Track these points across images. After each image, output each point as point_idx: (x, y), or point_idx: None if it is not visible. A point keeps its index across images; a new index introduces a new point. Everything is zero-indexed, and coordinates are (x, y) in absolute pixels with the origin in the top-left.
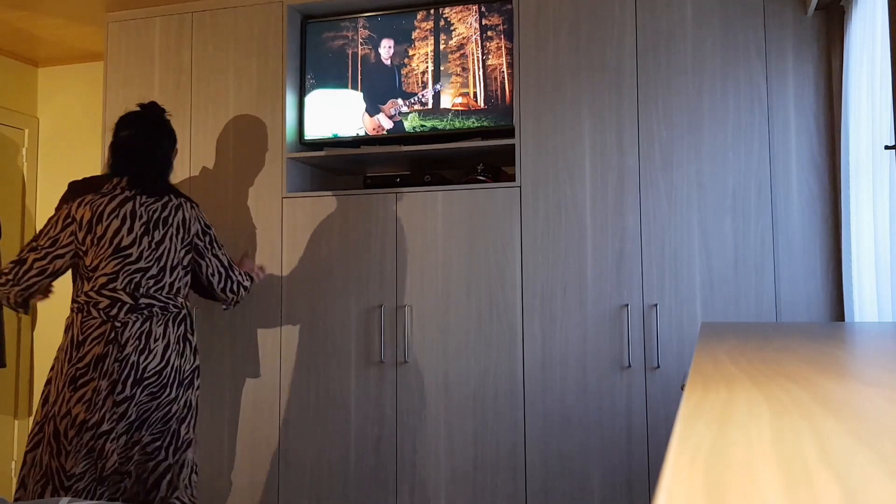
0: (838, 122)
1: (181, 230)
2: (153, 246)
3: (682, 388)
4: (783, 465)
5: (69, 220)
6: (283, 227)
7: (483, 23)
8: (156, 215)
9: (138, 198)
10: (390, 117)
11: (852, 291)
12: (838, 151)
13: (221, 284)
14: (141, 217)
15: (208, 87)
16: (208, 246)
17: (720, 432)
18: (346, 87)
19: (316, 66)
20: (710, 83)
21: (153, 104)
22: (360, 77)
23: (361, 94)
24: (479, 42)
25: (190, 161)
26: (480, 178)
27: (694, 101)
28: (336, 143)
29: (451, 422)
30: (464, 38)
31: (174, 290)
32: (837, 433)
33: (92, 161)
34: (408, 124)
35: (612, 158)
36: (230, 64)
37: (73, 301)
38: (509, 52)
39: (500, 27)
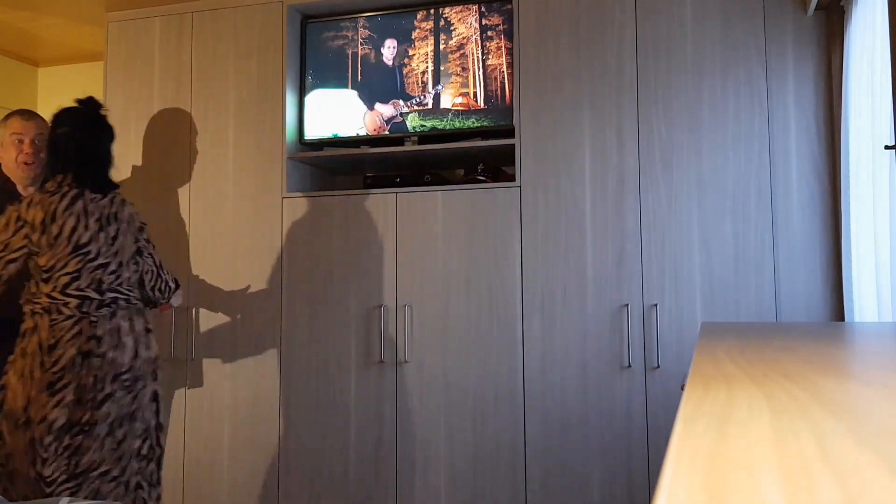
0: (838, 121)
1: (131, 225)
2: (110, 241)
3: (682, 388)
4: (783, 465)
5: (20, 222)
6: (283, 227)
7: (483, 23)
8: (106, 211)
9: (86, 194)
10: (390, 117)
11: (852, 291)
12: (838, 151)
13: (152, 283)
14: (93, 213)
15: (208, 87)
16: (145, 244)
17: (720, 432)
18: (346, 86)
19: (316, 66)
20: (710, 83)
21: (91, 99)
22: (360, 77)
23: (361, 94)
24: (479, 42)
25: (190, 161)
26: (480, 178)
27: (694, 101)
28: (336, 142)
29: (451, 422)
30: (464, 38)
31: (132, 283)
32: (837, 433)
33: None
34: (408, 124)
35: (612, 158)
36: (230, 64)
37: (32, 303)
38: (509, 52)
39: (500, 27)
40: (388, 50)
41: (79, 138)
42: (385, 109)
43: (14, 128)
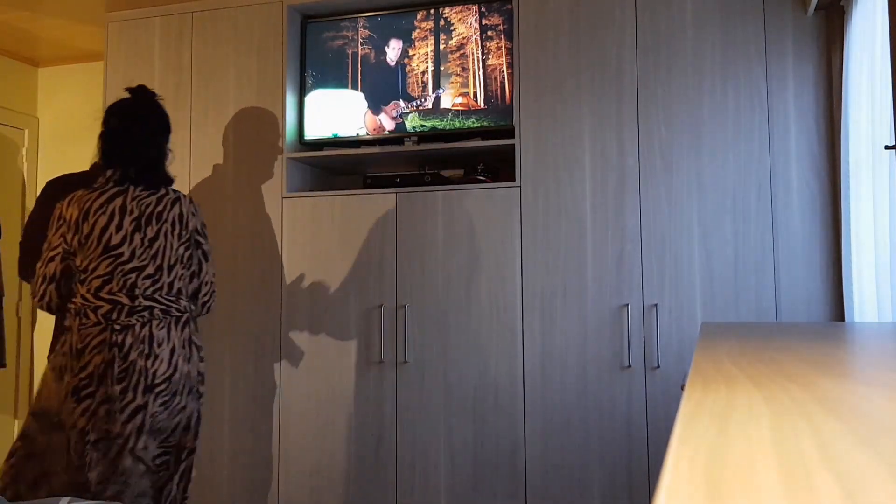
0: (838, 122)
1: (178, 225)
2: (146, 243)
3: (682, 388)
4: (783, 465)
5: (60, 220)
6: (283, 227)
7: (483, 23)
8: (149, 210)
9: (130, 191)
10: (391, 118)
11: (852, 291)
12: (838, 151)
13: (205, 299)
14: (132, 212)
15: (208, 87)
16: (207, 249)
17: (720, 432)
18: (345, 87)
19: (316, 66)
20: (710, 83)
21: (141, 87)
22: (360, 77)
23: (361, 94)
24: (479, 42)
25: (190, 161)
26: (480, 178)
27: (694, 101)
28: (336, 143)
29: (451, 422)
30: (464, 38)
31: (174, 290)
32: (837, 433)
33: (92, 160)
34: (408, 124)
35: (612, 158)
36: (230, 64)
37: (71, 302)
38: (509, 52)
39: (500, 27)
40: (388, 50)
41: (125, 131)
42: (386, 119)
43: None
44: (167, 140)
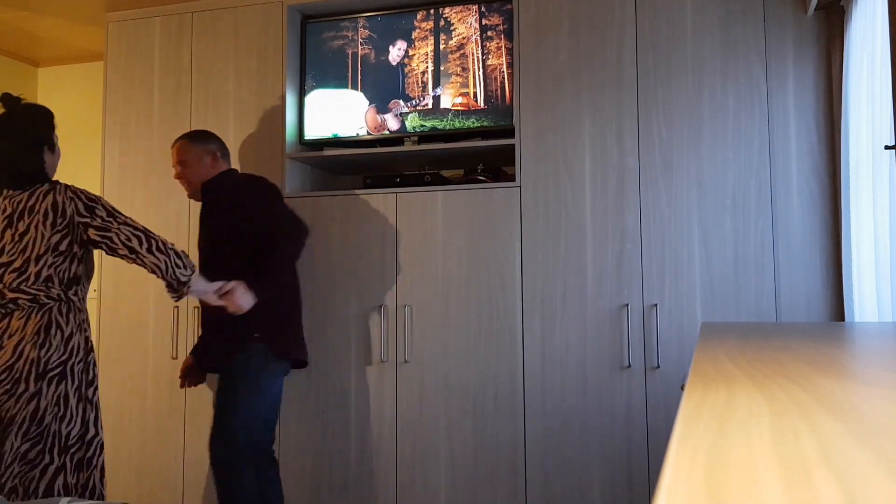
0: (838, 122)
1: (51, 215)
2: (16, 238)
3: (682, 388)
4: (783, 465)
5: None
6: None
7: (483, 23)
8: (21, 206)
9: (4, 192)
10: (393, 116)
11: (852, 291)
12: (838, 151)
13: (146, 245)
14: (5, 210)
15: (208, 87)
16: (107, 218)
17: (720, 432)
18: (346, 86)
19: (316, 66)
20: (710, 83)
21: (6, 95)
22: (360, 77)
23: (361, 94)
24: (479, 42)
25: None
26: (480, 178)
27: (694, 101)
28: (336, 143)
29: (451, 422)
30: (464, 38)
31: (42, 278)
32: (837, 433)
33: (92, 161)
34: (408, 124)
35: (612, 158)
36: (230, 64)
37: None
38: (509, 52)
39: (500, 27)
40: (389, 50)
41: None
42: (389, 118)
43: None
44: (36, 142)
